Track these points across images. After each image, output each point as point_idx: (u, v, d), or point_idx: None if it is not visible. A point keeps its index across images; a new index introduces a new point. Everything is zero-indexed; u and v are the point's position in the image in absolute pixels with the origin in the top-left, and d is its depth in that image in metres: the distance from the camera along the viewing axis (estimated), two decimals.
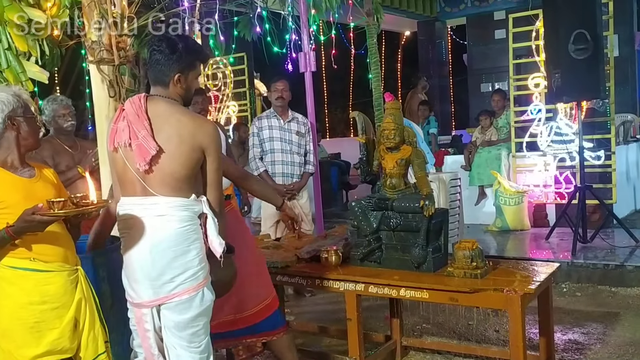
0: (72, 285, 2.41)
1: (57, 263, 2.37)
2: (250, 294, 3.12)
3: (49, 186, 2.44)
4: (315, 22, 6.03)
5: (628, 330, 4.20)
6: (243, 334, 3.16)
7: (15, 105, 2.37)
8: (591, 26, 5.67)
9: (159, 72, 2.47)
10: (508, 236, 6.80)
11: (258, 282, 3.18)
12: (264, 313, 3.18)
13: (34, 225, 2.20)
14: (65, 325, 2.38)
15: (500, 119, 7.69)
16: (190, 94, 2.56)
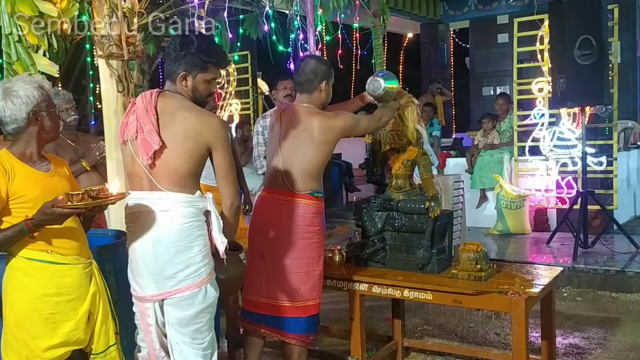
0: (87, 278, 2.43)
1: (73, 256, 2.39)
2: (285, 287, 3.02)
3: (64, 180, 2.44)
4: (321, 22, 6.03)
5: (629, 336, 4.21)
6: (260, 321, 3.09)
7: (40, 100, 2.34)
8: (597, 32, 5.69)
9: (168, 67, 2.50)
10: (509, 240, 6.81)
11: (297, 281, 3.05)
12: (290, 311, 3.06)
13: (53, 218, 2.20)
14: (81, 317, 2.39)
15: (504, 122, 7.70)
16: (199, 94, 2.52)
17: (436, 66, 12.49)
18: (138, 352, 2.64)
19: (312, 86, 3.09)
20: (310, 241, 3.07)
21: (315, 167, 3.05)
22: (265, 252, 3.06)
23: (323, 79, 3.10)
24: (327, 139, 3.02)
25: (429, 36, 12.42)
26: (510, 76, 7.60)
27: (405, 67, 14.80)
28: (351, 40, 7.87)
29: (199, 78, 2.48)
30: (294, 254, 3.02)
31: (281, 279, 3.01)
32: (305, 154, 3.00)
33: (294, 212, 3.01)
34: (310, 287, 3.09)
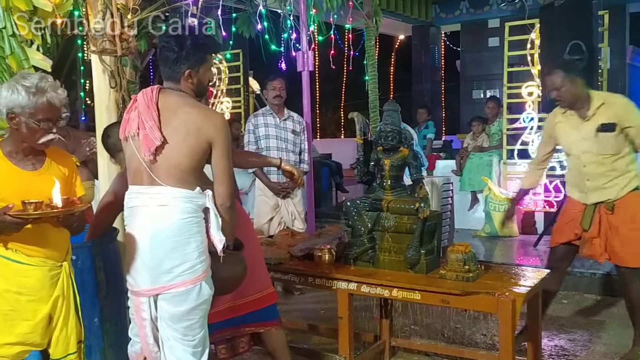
0: (51, 282, 2.40)
1: (40, 258, 2.37)
2: (252, 281, 3.05)
3: (55, 179, 2.39)
4: (314, 22, 6.05)
5: (613, 338, 4.25)
6: (243, 322, 3.13)
7: (25, 104, 2.27)
8: (587, 37, 5.75)
9: (169, 69, 2.51)
10: (496, 242, 6.86)
11: (260, 270, 3.18)
12: (266, 301, 3.18)
13: (5, 226, 2.16)
14: (39, 321, 2.38)
15: (493, 125, 7.76)
16: (202, 86, 2.59)
17: (427, 69, 12.55)
18: (131, 346, 2.65)
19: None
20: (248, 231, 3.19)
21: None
22: None
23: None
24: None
25: (421, 38, 12.48)
26: (500, 80, 7.66)
27: (397, 69, 14.86)
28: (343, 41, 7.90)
29: (202, 71, 2.54)
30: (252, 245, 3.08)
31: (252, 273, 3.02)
32: None
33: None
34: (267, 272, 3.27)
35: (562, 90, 3.70)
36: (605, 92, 3.87)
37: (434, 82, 12.83)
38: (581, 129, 3.74)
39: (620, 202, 3.72)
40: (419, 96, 12.40)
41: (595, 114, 3.69)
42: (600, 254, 3.83)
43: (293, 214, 5.23)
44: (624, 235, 3.72)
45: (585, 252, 3.88)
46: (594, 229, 3.80)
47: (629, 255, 3.73)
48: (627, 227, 3.71)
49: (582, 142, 3.75)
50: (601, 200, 3.77)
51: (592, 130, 3.69)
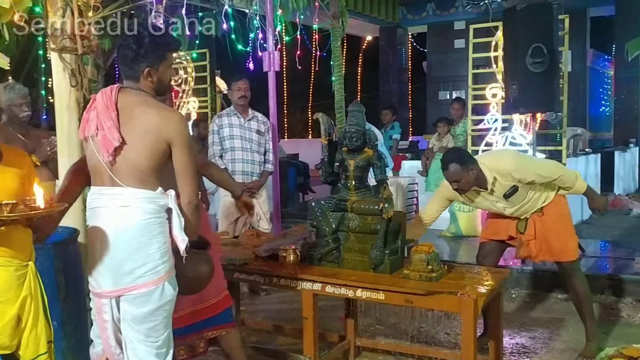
0: (18, 282, 2.36)
1: (5, 258, 2.32)
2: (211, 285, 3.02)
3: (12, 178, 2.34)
4: (280, 23, 6.04)
5: (572, 335, 4.34)
6: (204, 327, 3.12)
7: None
8: (548, 41, 5.86)
9: (128, 67, 2.48)
10: (461, 242, 6.94)
11: (217, 274, 3.16)
12: (223, 305, 3.17)
13: None
14: (7, 322, 2.33)
15: (458, 126, 7.85)
16: (163, 84, 2.56)
17: (394, 69, 12.66)
18: (92, 348, 2.61)
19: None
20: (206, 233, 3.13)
21: None
22: None
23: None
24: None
25: (388, 39, 12.59)
26: (465, 81, 7.75)
27: (364, 69, 14.94)
28: (310, 42, 7.91)
29: (162, 69, 2.51)
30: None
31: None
32: None
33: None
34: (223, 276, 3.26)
35: (462, 182, 3.66)
36: (492, 161, 3.77)
37: (401, 82, 12.94)
38: (489, 197, 3.80)
39: (547, 206, 3.86)
40: (386, 97, 12.50)
41: (494, 189, 3.73)
42: (536, 255, 3.92)
43: (258, 214, 5.22)
44: (558, 231, 3.85)
45: (522, 253, 3.95)
46: (530, 231, 3.89)
47: (566, 250, 3.86)
48: (559, 223, 3.86)
49: (498, 204, 3.84)
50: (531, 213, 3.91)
51: (500, 197, 3.77)
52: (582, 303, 3.94)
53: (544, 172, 3.78)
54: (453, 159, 3.68)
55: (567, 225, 3.92)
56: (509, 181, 3.70)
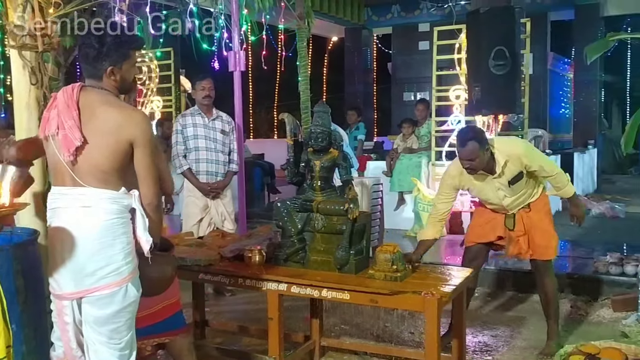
0: None
1: None
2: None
3: None
4: (246, 22, 6.01)
5: (533, 333, 4.43)
6: (145, 334, 2.96)
7: None
8: (510, 44, 5.97)
9: (90, 66, 2.44)
10: None
11: None
12: (165, 313, 3.06)
13: None
14: None
15: (422, 127, 7.94)
16: (127, 83, 2.53)
17: (359, 70, 12.72)
18: (53, 350, 2.56)
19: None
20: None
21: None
22: None
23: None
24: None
25: (353, 41, 12.64)
26: (430, 82, 7.84)
27: (330, 70, 14.96)
28: (276, 42, 7.89)
29: (125, 67, 2.48)
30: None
31: None
32: None
33: None
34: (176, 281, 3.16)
35: (476, 162, 3.72)
36: (502, 144, 3.88)
37: (366, 83, 13.01)
38: (493, 182, 3.87)
39: (534, 202, 3.99)
40: (351, 97, 12.55)
41: (503, 171, 3.82)
42: (526, 252, 4.00)
43: (223, 214, 5.19)
44: (544, 228, 3.96)
45: (512, 250, 4.03)
46: (519, 227, 3.98)
47: (548, 247, 3.96)
48: (544, 221, 3.97)
49: (499, 192, 3.91)
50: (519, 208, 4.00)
51: (505, 183, 3.85)
52: (549, 302, 4.03)
53: (547, 165, 3.91)
54: (473, 137, 3.72)
55: (551, 224, 4.02)
56: (517, 166, 3.79)
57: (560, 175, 3.95)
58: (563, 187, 3.96)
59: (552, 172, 3.92)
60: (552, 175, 3.92)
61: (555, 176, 3.93)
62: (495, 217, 4.05)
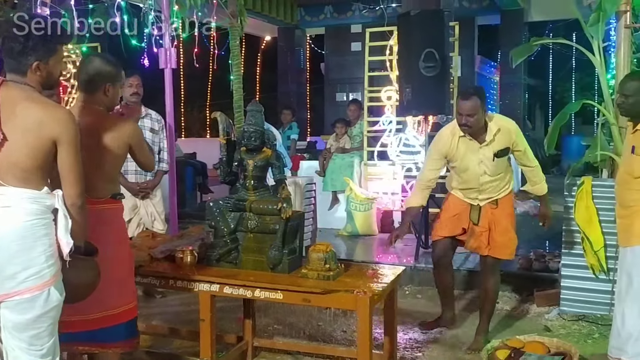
0: None
1: None
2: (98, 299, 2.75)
3: None
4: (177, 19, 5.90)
5: (461, 329, 4.55)
6: (76, 339, 2.85)
7: None
8: (440, 46, 6.11)
9: (14, 61, 2.33)
10: (357, 241, 7.09)
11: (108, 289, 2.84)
12: (107, 321, 2.90)
13: None
14: None
15: (355, 128, 8.02)
16: (53, 79, 2.45)
17: (292, 70, 12.73)
18: None
19: (95, 87, 2.87)
20: (122, 244, 3.00)
21: (111, 171, 2.93)
22: None
23: (107, 81, 2.88)
24: (118, 144, 2.87)
25: (286, 40, 12.64)
26: (362, 83, 7.93)
27: (263, 69, 14.90)
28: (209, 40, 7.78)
29: (52, 63, 2.39)
30: (109, 262, 2.78)
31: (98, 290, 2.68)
32: (98, 159, 2.81)
33: (100, 219, 2.82)
34: (129, 291, 3.01)
35: (474, 119, 3.81)
36: (498, 116, 4.02)
37: (299, 83, 13.04)
38: (479, 152, 3.96)
39: (502, 199, 4.08)
40: (284, 97, 12.55)
41: (493, 140, 3.92)
42: (485, 247, 4.11)
43: (152, 214, 5.08)
44: (506, 227, 4.06)
45: (472, 244, 4.15)
46: (483, 222, 4.09)
47: (503, 247, 4.06)
48: (508, 220, 4.08)
49: (481, 165, 4.00)
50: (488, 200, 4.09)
51: (490, 155, 3.95)
52: (488, 299, 4.16)
53: (530, 153, 4.04)
54: (476, 93, 3.85)
55: (513, 225, 4.12)
56: (506, 140, 3.91)
57: (539, 169, 4.08)
58: (539, 182, 4.09)
59: (532, 162, 4.06)
60: (532, 166, 4.06)
61: (535, 168, 4.06)
62: (461, 211, 4.15)
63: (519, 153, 4.02)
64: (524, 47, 5.60)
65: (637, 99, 3.38)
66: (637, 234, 3.37)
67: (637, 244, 3.38)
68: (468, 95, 3.84)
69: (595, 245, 4.50)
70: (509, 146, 3.96)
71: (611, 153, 4.77)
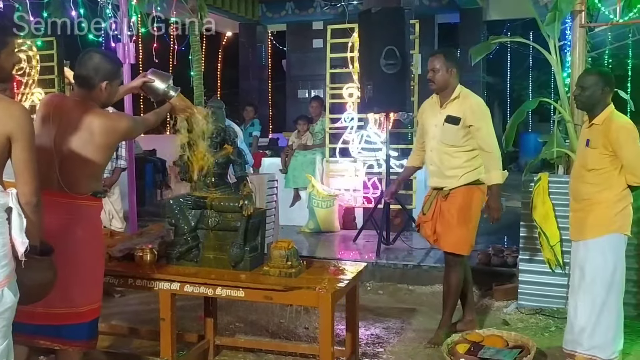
0: None
1: None
2: (64, 295, 2.74)
3: None
4: (135, 13, 5.80)
5: (422, 324, 4.60)
6: (37, 332, 2.80)
7: None
8: (400, 44, 6.15)
9: None
10: (319, 237, 7.11)
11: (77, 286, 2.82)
12: (71, 318, 2.84)
13: None
14: None
15: (317, 124, 8.03)
16: (5, 72, 2.38)
17: (254, 67, 12.65)
18: None
19: (92, 83, 2.88)
20: (95, 243, 2.94)
21: (97, 169, 2.92)
22: None
23: (105, 78, 2.89)
24: (110, 141, 2.88)
25: (247, 36, 12.54)
26: (323, 80, 7.93)
27: (224, 65, 14.76)
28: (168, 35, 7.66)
29: (3, 56, 2.31)
30: (80, 258, 2.79)
31: (65, 286, 2.68)
32: (87, 155, 2.81)
33: (77, 215, 2.81)
34: (96, 291, 2.95)
35: (438, 75, 3.96)
36: (468, 90, 4.07)
37: (261, 80, 12.96)
38: (437, 116, 4.05)
39: (454, 192, 4.03)
40: (246, 94, 12.45)
41: (450, 104, 3.99)
42: (430, 237, 4.16)
43: (110, 212, 5.00)
44: (447, 221, 4.05)
45: (423, 232, 4.24)
46: (429, 214, 4.13)
47: (447, 241, 4.07)
48: (450, 214, 4.03)
49: (433, 128, 4.07)
50: (441, 187, 4.09)
51: (442, 120, 4.00)
52: (450, 295, 4.17)
53: (489, 137, 3.95)
54: (443, 52, 4.13)
55: (463, 218, 4.00)
56: (461, 108, 3.94)
57: (493, 157, 3.96)
58: (492, 169, 3.97)
59: (488, 148, 3.94)
60: (487, 151, 3.94)
61: (489, 154, 3.95)
62: (425, 201, 4.23)
63: (473, 129, 3.93)
64: (482, 46, 5.68)
65: (593, 92, 3.44)
66: (590, 227, 3.46)
67: (590, 237, 3.46)
68: (434, 52, 4.14)
69: (551, 240, 4.60)
70: (460, 117, 3.93)
71: (567, 150, 4.88)
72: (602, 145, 3.38)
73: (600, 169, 3.40)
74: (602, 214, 3.42)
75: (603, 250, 3.42)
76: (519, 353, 3.54)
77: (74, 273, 2.72)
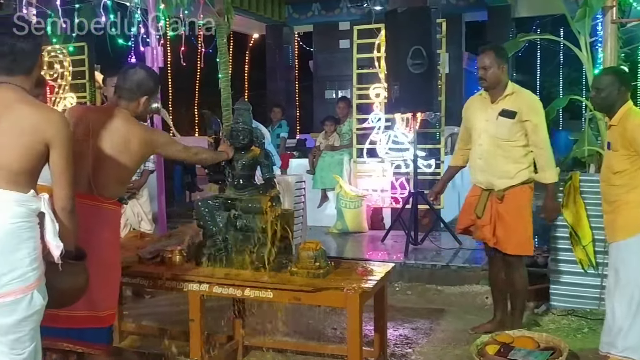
0: None
1: None
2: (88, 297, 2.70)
3: None
4: (164, 17, 5.87)
5: (450, 324, 4.57)
6: (61, 335, 2.85)
7: None
8: (427, 43, 6.11)
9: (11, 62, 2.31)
10: (347, 238, 7.10)
11: (100, 291, 2.86)
12: (93, 322, 2.90)
13: None
14: None
15: (344, 125, 8.01)
16: (39, 79, 2.56)
17: (281, 68, 12.68)
18: None
19: (133, 96, 3.02)
20: (117, 248, 3.05)
21: (127, 176, 3.07)
22: None
23: (145, 94, 3.04)
24: (145, 152, 3.04)
25: (274, 38, 12.58)
26: (350, 81, 7.92)
27: (251, 67, 14.85)
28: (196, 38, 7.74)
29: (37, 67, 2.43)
30: (103, 262, 2.85)
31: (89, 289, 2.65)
32: (122, 161, 2.92)
33: (101, 218, 2.89)
34: (114, 296, 3.04)
35: (489, 72, 3.93)
36: (519, 87, 4.06)
37: (287, 81, 12.99)
38: (488, 111, 4.02)
39: (509, 192, 3.99)
40: (273, 95, 12.50)
41: (504, 100, 3.97)
42: (490, 239, 4.10)
43: (139, 215, 5.06)
44: (508, 224, 4.01)
45: (478, 234, 4.19)
46: (485, 217, 4.08)
47: (510, 244, 4.03)
48: (511, 216, 4.00)
49: (484, 123, 4.03)
50: (491, 188, 4.04)
51: (495, 114, 3.97)
52: (516, 296, 4.16)
53: (542, 133, 3.92)
54: (493, 48, 4.06)
55: (521, 218, 4.00)
56: (516, 103, 3.92)
57: (549, 154, 3.93)
58: (547, 168, 3.93)
59: (542, 144, 3.91)
60: (541, 147, 3.91)
61: (543, 151, 3.92)
62: (472, 201, 4.15)
63: (528, 124, 3.89)
64: (511, 43, 5.62)
65: (609, 93, 3.40)
66: (620, 229, 3.41)
67: (621, 238, 3.41)
68: (484, 49, 4.04)
69: (583, 240, 4.53)
70: (516, 111, 3.90)
71: (598, 148, 4.79)
72: (621, 147, 3.34)
73: (623, 170, 3.36)
74: (630, 215, 3.38)
75: (635, 251, 3.36)
76: (550, 355, 3.49)
77: (95, 276, 2.71)
